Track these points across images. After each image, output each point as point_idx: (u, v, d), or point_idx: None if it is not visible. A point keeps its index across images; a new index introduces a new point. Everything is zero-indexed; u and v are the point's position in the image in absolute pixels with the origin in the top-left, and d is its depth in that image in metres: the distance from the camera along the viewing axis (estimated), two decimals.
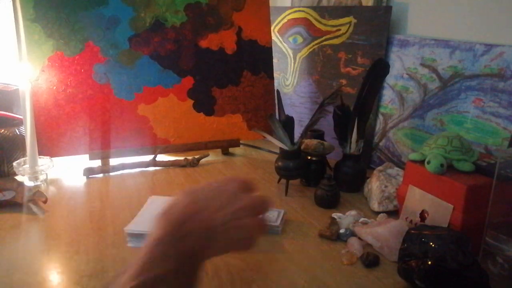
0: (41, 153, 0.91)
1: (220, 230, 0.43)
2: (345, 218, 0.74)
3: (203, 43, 1.04)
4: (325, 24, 1.08)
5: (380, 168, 0.86)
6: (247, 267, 0.62)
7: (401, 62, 0.94)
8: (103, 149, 0.99)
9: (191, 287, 0.41)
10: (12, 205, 0.78)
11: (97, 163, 0.97)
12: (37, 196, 0.80)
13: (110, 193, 0.87)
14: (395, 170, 0.85)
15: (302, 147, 0.90)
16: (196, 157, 1.03)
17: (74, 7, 0.94)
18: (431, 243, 0.55)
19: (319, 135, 0.98)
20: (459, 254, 0.52)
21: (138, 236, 0.66)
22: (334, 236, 0.70)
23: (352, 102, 0.87)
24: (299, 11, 1.14)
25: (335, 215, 0.76)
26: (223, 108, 1.08)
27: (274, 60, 1.13)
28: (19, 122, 0.95)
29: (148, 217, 0.71)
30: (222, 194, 0.46)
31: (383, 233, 0.66)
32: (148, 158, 1.00)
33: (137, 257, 0.39)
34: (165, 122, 1.04)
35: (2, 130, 0.91)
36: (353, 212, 0.76)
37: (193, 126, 1.06)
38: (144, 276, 0.37)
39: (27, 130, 0.85)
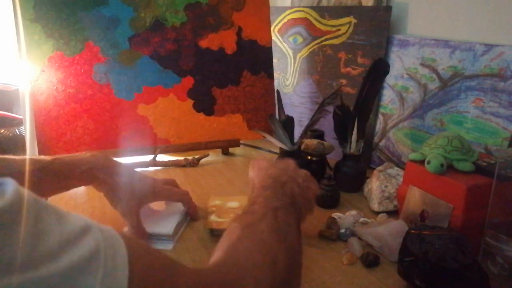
0: (41, 153, 0.91)
1: (301, 186, 0.58)
2: (345, 218, 0.74)
3: (203, 43, 1.04)
4: (325, 24, 1.08)
5: (380, 168, 0.86)
6: None
7: (401, 62, 0.94)
8: (103, 149, 0.99)
9: (299, 224, 0.54)
10: None
11: None
12: None
13: None
14: (395, 170, 0.85)
15: (302, 147, 0.90)
16: (196, 157, 1.03)
17: (74, 7, 0.94)
18: (431, 243, 0.55)
19: (319, 135, 0.98)
20: (459, 254, 0.52)
21: None
22: (334, 236, 0.70)
23: (352, 102, 0.87)
24: (299, 11, 1.14)
25: (335, 215, 0.76)
26: (223, 108, 1.08)
27: (274, 60, 1.13)
28: (19, 122, 0.95)
29: (147, 216, 0.71)
30: (289, 167, 0.62)
31: (383, 233, 0.66)
32: (148, 158, 1.00)
33: (252, 200, 0.52)
34: (165, 122, 1.04)
35: (2, 130, 0.91)
36: (353, 212, 0.76)
37: (193, 126, 1.06)
38: (275, 203, 0.50)
39: (27, 130, 0.85)
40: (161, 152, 1.03)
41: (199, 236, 0.71)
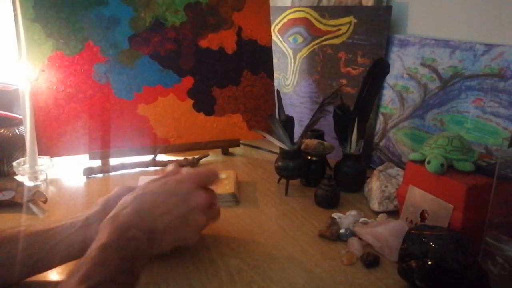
0: (41, 153, 0.91)
1: (164, 232, 0.49)
2: (345, 218, 0.74)
3: (203, 43, 1.04)
4: (325, 24, 1.08)
5: (380, 168, 0.86)
6: (247, 267, 0.62)
7: (401, 62, 0.94)
8: (103, 149, 0.99)
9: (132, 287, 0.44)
10: (11, 205, 0.78)
11: (97, 163, 0.97)
12: (37, 196, 0.80)
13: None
14: (395, 170, 0.85)
15: (302, 147, 0.90)
16: (196, 157, 1.03)
17: (74, 7, 0.94)
18: (431, 243, 0.55)
19: (319, 135, 0.97)
20: (459, 254, 0.52)
21: None
22: (334, 236, 0.70)
23: (352, 102, 0.87)
24: (299, 11, 1.14)
25: (335, 215, 0.76)
26: (223, 108, 1.08)
27: (274, 60, 1.13)
28: (19, 122, 0.95)
29: None
30: (172, 197, 0.51)
31: (383, 233, 0.66)
32: (148, 158, 1.00)
33: (84, 260, 0.43)
34: (165, 122, 1.04)
35: (2, 130, 0.91)
36: (353, 212, 0.76)
37: (193, 126, 1.06)
38: (90, 281, 0.40)
39: (27, 130, 0.85)
40: (161, 152, 1.03)
41: None
